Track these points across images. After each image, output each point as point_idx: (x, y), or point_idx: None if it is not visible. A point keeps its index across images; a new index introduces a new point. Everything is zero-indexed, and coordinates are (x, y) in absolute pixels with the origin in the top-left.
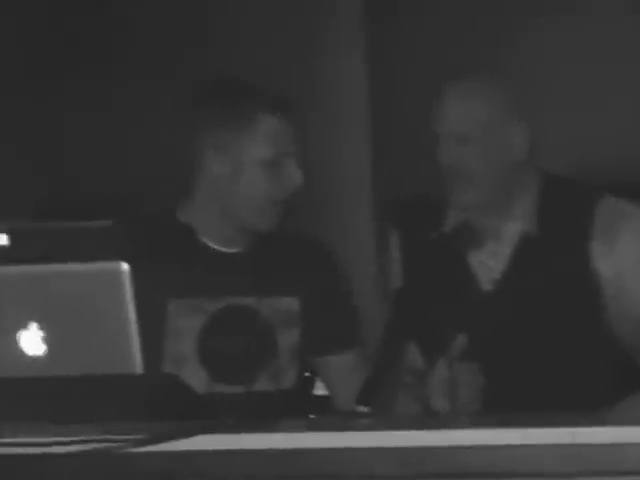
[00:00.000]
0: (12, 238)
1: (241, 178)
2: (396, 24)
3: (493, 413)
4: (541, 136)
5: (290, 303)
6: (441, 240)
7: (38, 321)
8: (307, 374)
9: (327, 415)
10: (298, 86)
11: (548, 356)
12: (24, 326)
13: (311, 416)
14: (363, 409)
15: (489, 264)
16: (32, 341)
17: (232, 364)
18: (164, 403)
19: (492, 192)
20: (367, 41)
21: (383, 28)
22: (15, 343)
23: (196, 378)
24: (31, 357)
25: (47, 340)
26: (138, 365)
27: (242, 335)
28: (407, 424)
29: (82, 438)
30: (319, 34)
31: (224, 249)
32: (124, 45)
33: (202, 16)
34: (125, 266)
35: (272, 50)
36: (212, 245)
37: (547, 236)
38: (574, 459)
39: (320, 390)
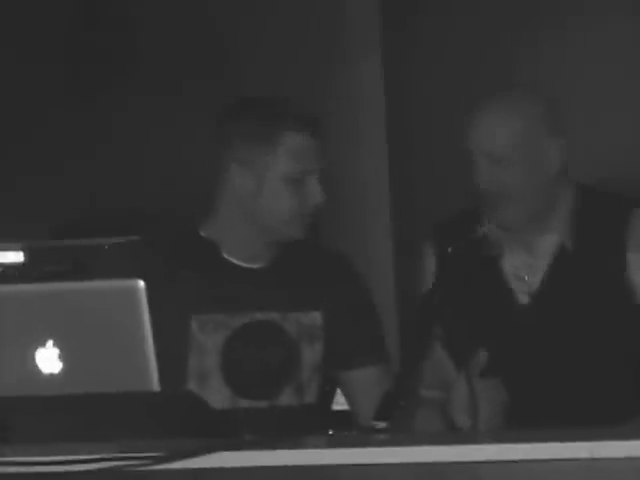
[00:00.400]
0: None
1: (264, 193)
2: (414, 34)
3: (523, 428)
4: (574, 149)
5: (314, 317)
6: (472, 249)
7: (54, 339)
8: (327, 388)
9: (346, 431)
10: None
11: (583, 369)
12: (41, 344)
13: (330, 432)
14: (382, 424)
15: (525, 278)
16: (48, 359)
17: (256, 379)
18: (181, 420)
19: (531, 208)
20: (384, 51)
21: (400, 39)
22: (32, 361)
23: (220, 394)
24: (47, 375)
25: (63, 358)
26: (155, 382)
27: (266, 350)
28: (425, 439)
29: (100, 456)
30: (336, 46)
31: (247, 264)
32: (146, 62)
33: (221, 31)
34: (141, 283)
35: (288, 63)
36: (235, 261)
37: (583, 248)
38: (594, 474)
39: (339, 405)
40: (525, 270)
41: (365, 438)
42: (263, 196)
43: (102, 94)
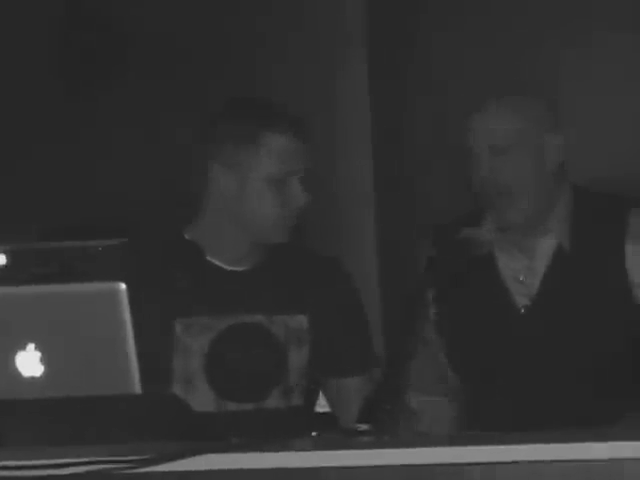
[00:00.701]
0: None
1: (247, 195)
2: (399, 33)
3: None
4: (572, 150)
5: (300, 320)
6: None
7: (35, 342)
8: (312, 387)
9: (329, 433)
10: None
11: (583, 371)
12: (21, 347)
13: (313, 434)
14: (364, 427)
15: (524, 280)
16: (29, 362)
17: (241, 382)
18: (164, 423)
19: (530, 207)
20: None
21: (386, 39)
22: (12, 364)
23: (205, 397)
24: (28, 378)
25: (45, 361)
26: (136, 385)
27: (251, 353)
28: (411, 442)
29: (86, 460)
30: (321, 46)
31: (231, 267)
32: (131, 64)
33: (210, 34)
34: (122, 286)
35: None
36: (219, 263)
37: (581, 250)
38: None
39: (322, 407)
40: (523, 273)
41: (349, 440)
42: (246, 198)
43: (86, 96)
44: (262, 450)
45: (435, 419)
